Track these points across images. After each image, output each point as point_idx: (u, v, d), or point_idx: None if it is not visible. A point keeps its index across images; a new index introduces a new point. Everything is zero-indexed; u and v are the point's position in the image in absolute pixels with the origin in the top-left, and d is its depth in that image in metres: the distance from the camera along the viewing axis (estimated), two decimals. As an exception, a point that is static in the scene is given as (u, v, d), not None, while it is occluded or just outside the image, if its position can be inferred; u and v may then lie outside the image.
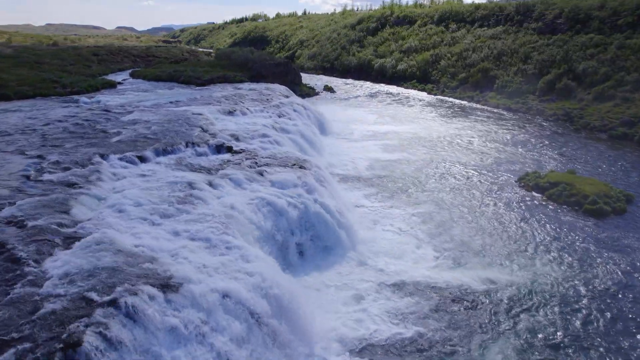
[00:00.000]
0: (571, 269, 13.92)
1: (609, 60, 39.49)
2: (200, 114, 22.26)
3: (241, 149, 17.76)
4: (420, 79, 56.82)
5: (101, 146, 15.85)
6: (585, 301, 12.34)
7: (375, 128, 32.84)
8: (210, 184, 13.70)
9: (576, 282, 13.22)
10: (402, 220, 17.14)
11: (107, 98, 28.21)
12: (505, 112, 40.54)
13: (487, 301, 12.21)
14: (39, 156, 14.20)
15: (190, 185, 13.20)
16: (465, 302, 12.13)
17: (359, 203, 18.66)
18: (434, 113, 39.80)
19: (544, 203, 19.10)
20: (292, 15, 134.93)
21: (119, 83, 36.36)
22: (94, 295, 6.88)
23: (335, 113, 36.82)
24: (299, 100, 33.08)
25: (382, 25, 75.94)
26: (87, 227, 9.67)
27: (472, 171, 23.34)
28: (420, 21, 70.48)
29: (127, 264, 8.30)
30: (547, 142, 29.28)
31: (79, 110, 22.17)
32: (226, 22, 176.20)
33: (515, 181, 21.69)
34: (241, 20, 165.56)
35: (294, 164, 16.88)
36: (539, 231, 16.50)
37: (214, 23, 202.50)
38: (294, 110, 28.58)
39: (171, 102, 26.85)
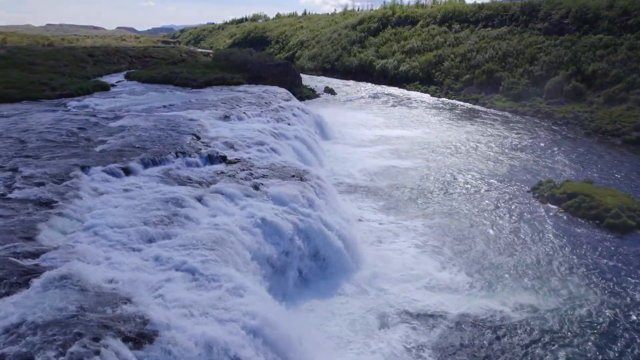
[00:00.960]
0: (604, 293, 12.60)
1: (620, 62, 38.20)
2: (193, 120, 20.95)
3: (236, 159, 16.45)
4: (423, 80, 55.54)
5: (83, 157, 14.54)
6: (621, 330, 11.03)
7: (378, 132, 31.53)
8: (201, 200, 12.39)
9: (611, 307, 11.91)
10: (414, 236, 15.82)
11: (97, 102, 26.91)
12: (512, 115, 39.23)
13: (523, 331, 10.90)
14: (12, 169, 12.88)
15: (178, 202, 11.88)
16: (498, 332, 10.82)
17: (365, 216, 17.35)
18: (439, 116, 38.48)
19: (561, 216, 17.78)
20: (292, 15, 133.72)
21: (112, 85, 35.04)
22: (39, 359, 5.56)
23: (336, 116, 35.52)
24: (298, 103, 31.78)
25: (384, 26, 74.67)
26: (52, 258, 8.35)
27: (483, 179, 22.03)
28: (423, 21, 69.19)
29: (94, 307, 6.98)
30: (558, 148, 27.96)
31: (65, 116, 20.85)
32: (226, 23, 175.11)
33: (529, 191, 20.37)
34: (241, 21, 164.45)
35: (293, 176, 15.57)
36: (563, 249, 15.18)
37: (213, 23, 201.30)
38: (294, 115, 27.28)
39: (164, 106, 25.54)
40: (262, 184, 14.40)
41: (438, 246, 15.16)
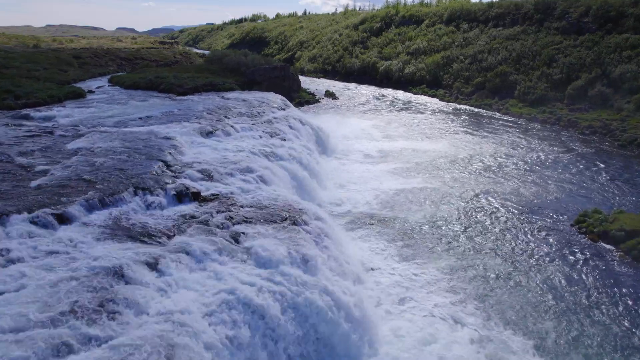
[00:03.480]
0: None
1: (651, 64, 34.69)
2: (169, 138, 17.49)
3: (213, 195, 12.98)
4: (430, 83, 52.04)
5: (10, 196, 11.08)
6: None
7: (385, 145, 28.05)
8: (155, 267, 8.94)
9: None
10: (442, 293, 12.35)
11: (66, 112, 23.45)
12: (530, 123, 35.73)
13: None
14: None
15: (121, 273, 8.42)
16: None
17: (377, 264, 13.86)
18: (451, 124, 34.98)
19: (621, 260, 14.29)
20: (292, 15, 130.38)
21: (90, 92, 31.61)
22: None
23: (338, 125, 32.05)
24: (296, 112, 28.32)
25: (387, 25, 71.19)
26: None
27: (512, 207, 18.55)
28: (428, 21, 65.68)
29: None
30: (592, 163, 24.45)
31: (14, 133, 17.42)
32: (225, 23, 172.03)
33: (572, 225, 16.87)
34: (240, 21, 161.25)
35: (285, 218, 12.10)
36: (635, 310, 11.71)
37: (213, 24, 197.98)
38: (290, 127, 23.82)
39: (140, 119, 22.09)
40: (244, 234, 10.94)
41: (475, 311, 11.68)
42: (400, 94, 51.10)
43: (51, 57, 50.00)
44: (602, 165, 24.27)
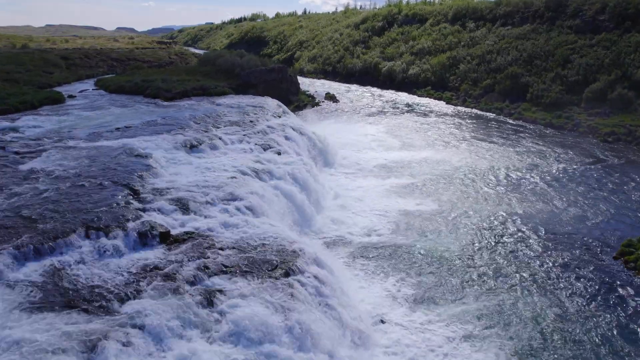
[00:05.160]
0: None
1: (677, 66, 32.17)
2: (144, 156, 14.98)
3: (187, 233, 10.49)
4: (435, 85, 49.50)
5: None
6: None
7: (392, 155, 25.53)
8: (92, 351, 6.46)
9: None
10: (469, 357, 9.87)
11: (36, 122, 20.99)
12: (546, 129, 33.22)
13: None
14: None
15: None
16: None
17: (388, 315, 11.32)
18: (461, 130, 32.47)
19: (684, 307, 11.81)
20: (292, 15, 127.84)
21: (71, 97, 29.15)
22: None
23: (340, 132, 29.55)
24: (293, 119, 25.80)
25: (389, 25, 68.65)
26: None
27: (544, 235, 16.05)
28: (432, 19, 63.13)
29: None
30: (627, 177, 21.89)
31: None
32: (224, 23, 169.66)
33: (615, 257, 14.38)
34: (239, 20, 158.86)
35: (276, 266, 9.61)
36: None
37: (212, 23, 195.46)
38: (286, 138, 21.33)
39: (117, 130, 19.61)
40: (221, 292, 8.47)
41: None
42: (405, 96, 48.61)
43: (37, 58, 47.47)
44: (633, 179, 21.75)
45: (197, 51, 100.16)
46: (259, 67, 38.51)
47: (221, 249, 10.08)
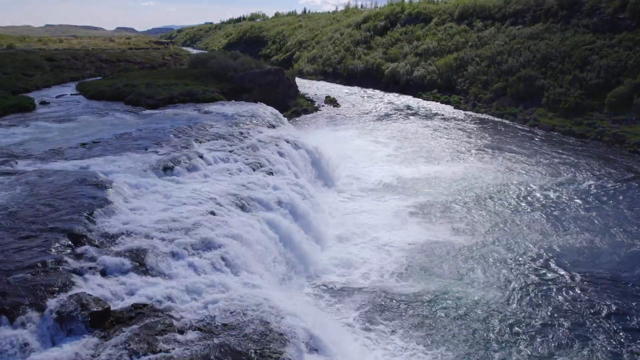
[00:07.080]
0: None
1: None
2: (103, 185, 12.14)
3: (134, 307, 7.67)
4: (442, 88, 46.66)
5: None
6: None
7: (400, 170, 22.71)
8: None
9: None
10: None
11: (-7, 135, 18.24)
12: (566, 137, 30.41)
13: None
14: None
15: None
16: None
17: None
18: (473, 139, 29.63)
19: None
20: (292, 14, 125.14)
21: (43, 103, 26.38)
22: None
23: (341, 144, 26.74)
24: (289, 130, 22.99)
25: (392, 24, 65.80)
26: None
27: (588, 280, 13.23)
28: (437, 19, 60.25)
29: None
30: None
31: None
32: (223, 22, 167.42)
33: (685, 310, 11.60)
34: (238, 20, 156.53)
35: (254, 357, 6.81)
36: None
37: (211, 23, 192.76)
38: (280, 154, 18.52)
39: (83, 145, 16.81)
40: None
41: None
42: (410, 100, 45.81)
43: (19, 59, 44.75)
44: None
45: (195, 51, 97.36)
46: (253, 69, 35.71)
47: (181, 331, 7.29)
